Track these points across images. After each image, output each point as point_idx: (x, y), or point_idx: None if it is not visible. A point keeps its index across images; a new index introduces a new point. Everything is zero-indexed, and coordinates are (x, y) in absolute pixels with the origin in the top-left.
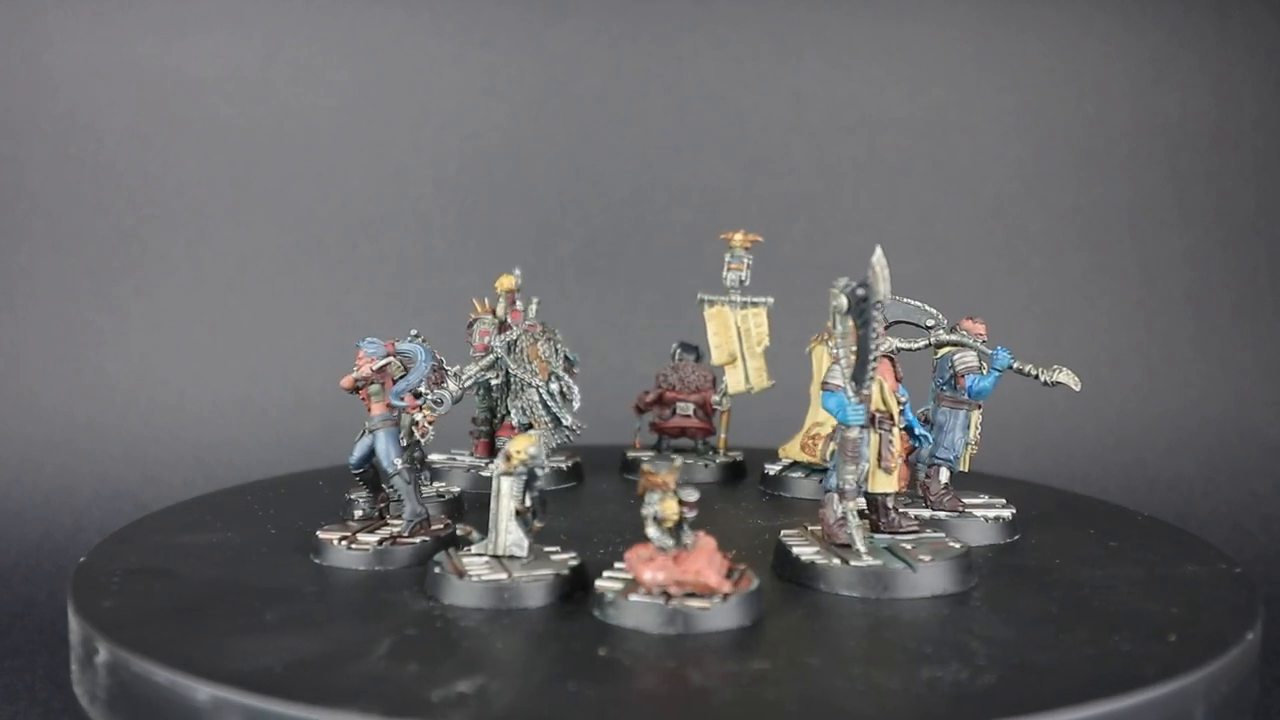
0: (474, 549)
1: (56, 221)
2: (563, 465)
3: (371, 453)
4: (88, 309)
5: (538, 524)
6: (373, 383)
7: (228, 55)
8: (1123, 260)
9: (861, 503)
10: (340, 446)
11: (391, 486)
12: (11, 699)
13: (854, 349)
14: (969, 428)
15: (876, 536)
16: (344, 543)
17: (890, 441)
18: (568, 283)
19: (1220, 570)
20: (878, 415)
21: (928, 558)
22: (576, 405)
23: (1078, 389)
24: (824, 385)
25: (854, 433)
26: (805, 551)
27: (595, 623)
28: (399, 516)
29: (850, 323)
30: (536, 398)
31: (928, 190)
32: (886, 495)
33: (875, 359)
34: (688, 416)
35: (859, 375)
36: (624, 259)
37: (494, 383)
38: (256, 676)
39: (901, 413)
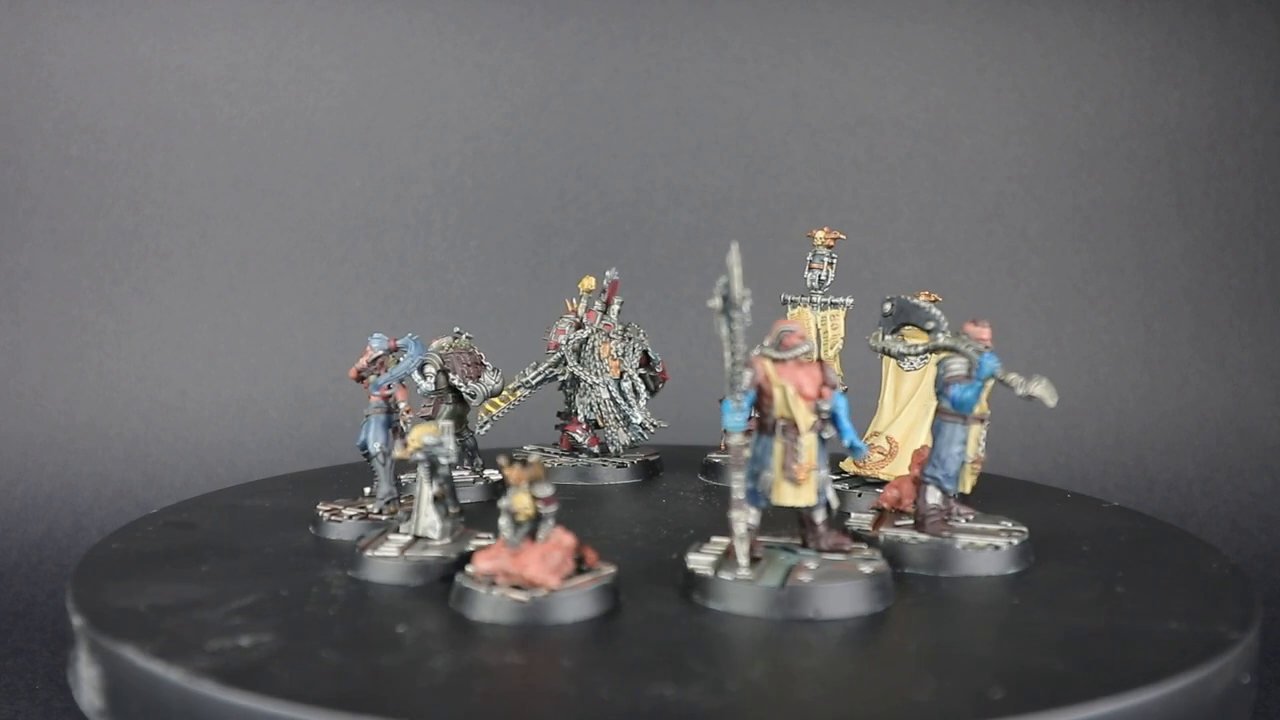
0: (401, 529)
1: (57, 221)
2: (626, 463)
3: None
4: (88, 309)
5: (453, 509)
6: (372, 373)
7: (228, 55)
8: (1123, 260)
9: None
10: (340, 446)
11: (371, 467)
12: (12, 698)
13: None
14: (965, 443)
15: (801, 551)
16: (328, 515)
17: (795, 451)
18: (568, 283)
19: (1214, 633)
20: (780, 423)
21: (808, 579)
22: (644, 403)
23: (1052, 404)
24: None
25: (734, 439)
26: (694, 559)
27: (441, 605)
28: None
29: (726, 325)
30: (605, 395)
31: (928, 190)
32: (812, 510)
33: (737, 362)
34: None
35: (730, 379)
36: (624, 259)
37: (561, 379)
38: (115, 614)
39: (828, 420)
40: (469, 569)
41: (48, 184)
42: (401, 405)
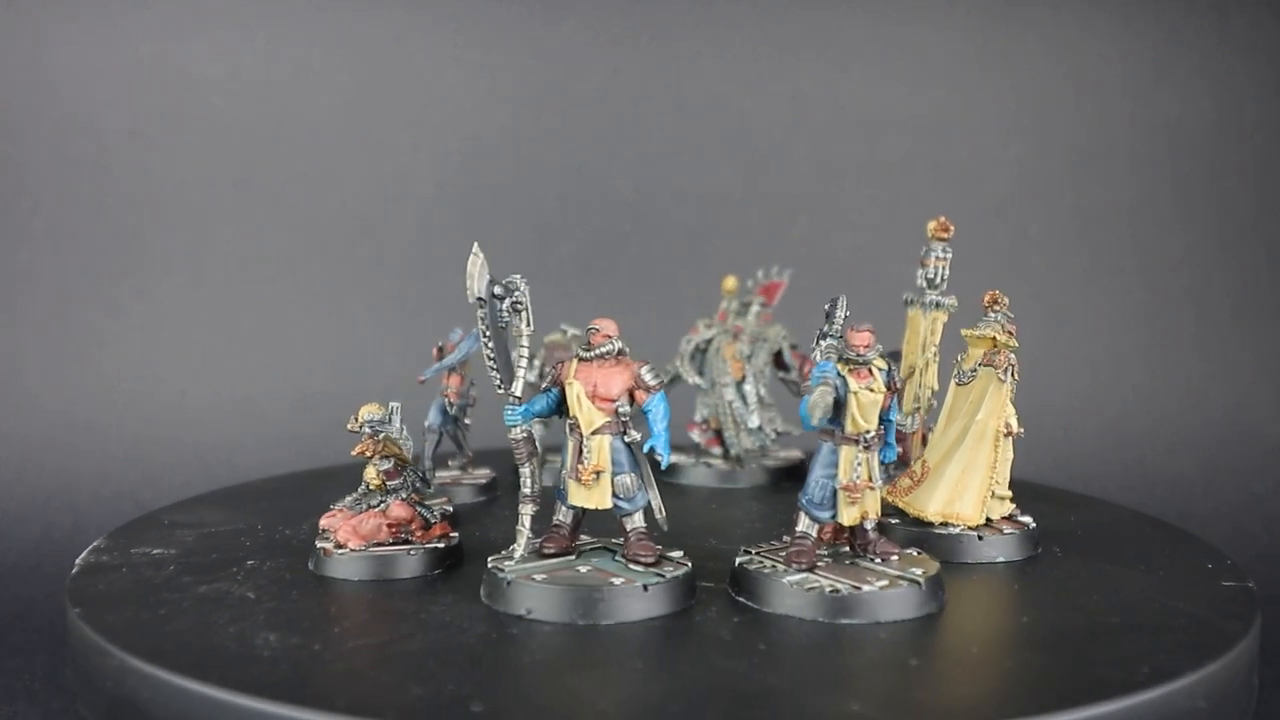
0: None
1: (56, 221)
2: (734, 468)
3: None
4: (88, 309)
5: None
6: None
7: (228, 55)
8: (1123, 260)
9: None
10: (341, 447)
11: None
12: (10, 699)
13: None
14: (835, 466)
15: (617, 558)
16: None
17: (584, 451)
18: (568, 283)
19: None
20: (570, 422)
21: (541, 578)
22: (753, 408)
23: (815, 420)
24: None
25: (512, 434)
26: (508, 548)
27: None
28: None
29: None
30: (729, 397)
31: (928, 190)
32: (620, 515)
33: (497, 358)
34: None
35: (498, 374)
36: (624, 259)
37: (690, 381)
38: (132, 523)
39: (625, 424)
40: None
41: (48, 184)
42: (449, 387)
